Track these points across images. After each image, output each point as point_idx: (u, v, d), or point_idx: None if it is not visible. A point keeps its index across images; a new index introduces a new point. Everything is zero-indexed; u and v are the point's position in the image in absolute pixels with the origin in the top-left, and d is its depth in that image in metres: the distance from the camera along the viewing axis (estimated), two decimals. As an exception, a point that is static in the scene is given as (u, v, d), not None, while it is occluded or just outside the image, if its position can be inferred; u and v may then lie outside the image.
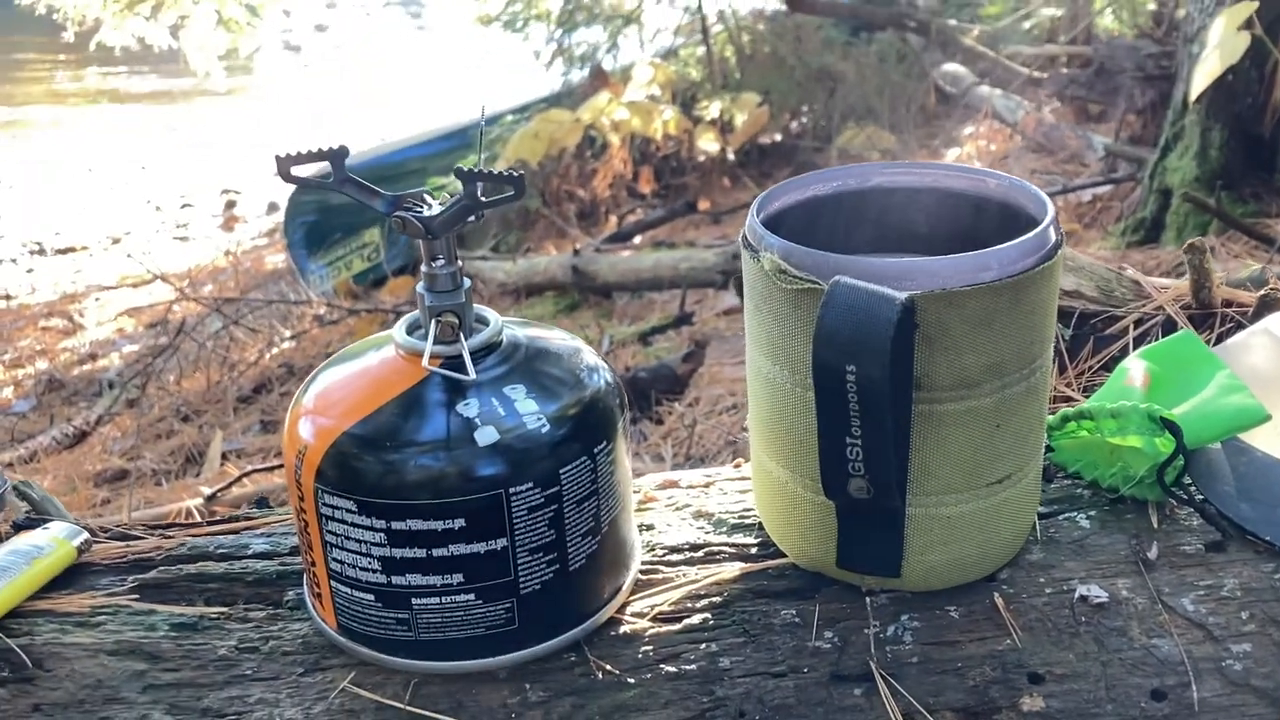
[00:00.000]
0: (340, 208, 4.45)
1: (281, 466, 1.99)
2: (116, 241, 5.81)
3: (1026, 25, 4.96)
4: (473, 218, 0.58)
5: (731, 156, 4.22)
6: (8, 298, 4.68)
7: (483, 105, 0.78)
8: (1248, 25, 2.10)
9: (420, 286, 0.60)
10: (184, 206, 6.46)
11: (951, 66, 4.14)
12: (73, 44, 5.54)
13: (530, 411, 0.58)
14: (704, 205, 3.89)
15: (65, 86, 9.35)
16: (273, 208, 6.19)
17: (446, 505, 0.56)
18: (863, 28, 4.64)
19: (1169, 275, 2.27)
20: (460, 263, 0.61)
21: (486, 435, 0.57)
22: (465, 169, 0.55)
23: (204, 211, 6.32)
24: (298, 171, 0.57)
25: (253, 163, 7.04)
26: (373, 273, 4.23)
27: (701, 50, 4.50)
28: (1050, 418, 0.73)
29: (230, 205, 6.39)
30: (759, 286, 0.61)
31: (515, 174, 0.55)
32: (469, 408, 0.58)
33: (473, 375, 0.57)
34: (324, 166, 0.59)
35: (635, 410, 2.00)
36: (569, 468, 0.58)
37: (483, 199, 0.57)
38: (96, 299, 4.55)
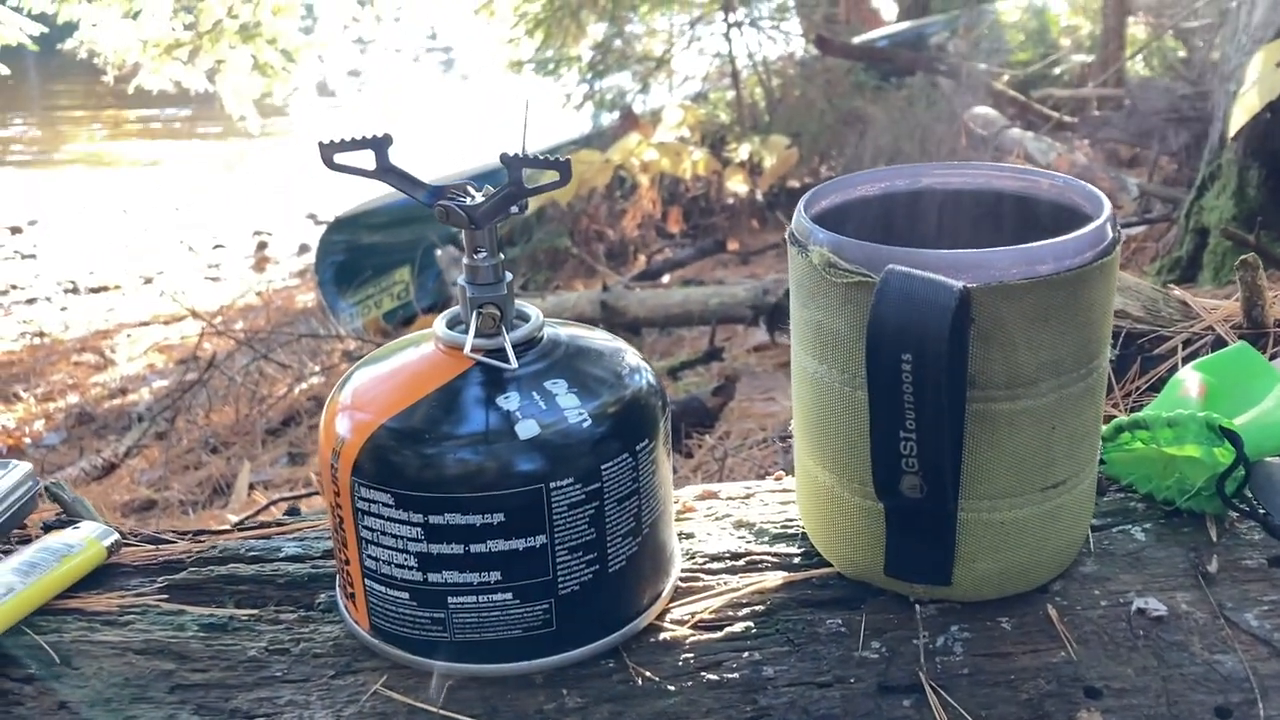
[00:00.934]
0: (371, 246, 4.49)
1: (311, 494, 1.98)
2: (149, 281, 5.88)
3: (1057, 70, 4.97)
4: (516, 208, 0.57)
5: (760, 198, 4.22)
6: (41, 334, 4.73)
7: (526, 100, 0.77)
8: (1286, 62, 2.09)
9: (462, 279, 0.59)
10: (216, 247, 6.53)
11: (982, 109, 4.14)
12: (112, 88, 5.64)
13: (572, 406, 0.57)
14: (733, 245, 3.89)
15: (103, 130, 9.52)
16: (304, 249, 6.25)
17: (486, 499, 0.55)
18: (893, 72, 4.66)
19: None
20: (502, 255, 0.60)
21: (527, 429, 0.55)
22: (510, 154, 0.55)
23: (236, 252, 6.40)
24: (341, 159, 0.57)
25: (285, 204, 7.13)
26: (403, 311, 4.25)
27: (731, 94, 4.53)
28: (1103, 428, 0.71)
29: (262, 246, 6.45)
30: (806, 283, 0.60)
31: (561, 159, 0.54)
32: (509, 401, 0.57)
33: (514, 364, 0.56)
34: (367, 155, 0.58)
35: (665, 443, 1.98)
36: (610, 464, 0.57)
37: (527, 185, 0.56)
38: (128, 335, 4.59)
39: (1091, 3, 5.14)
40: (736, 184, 4.16)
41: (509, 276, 0.60)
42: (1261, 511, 0.68)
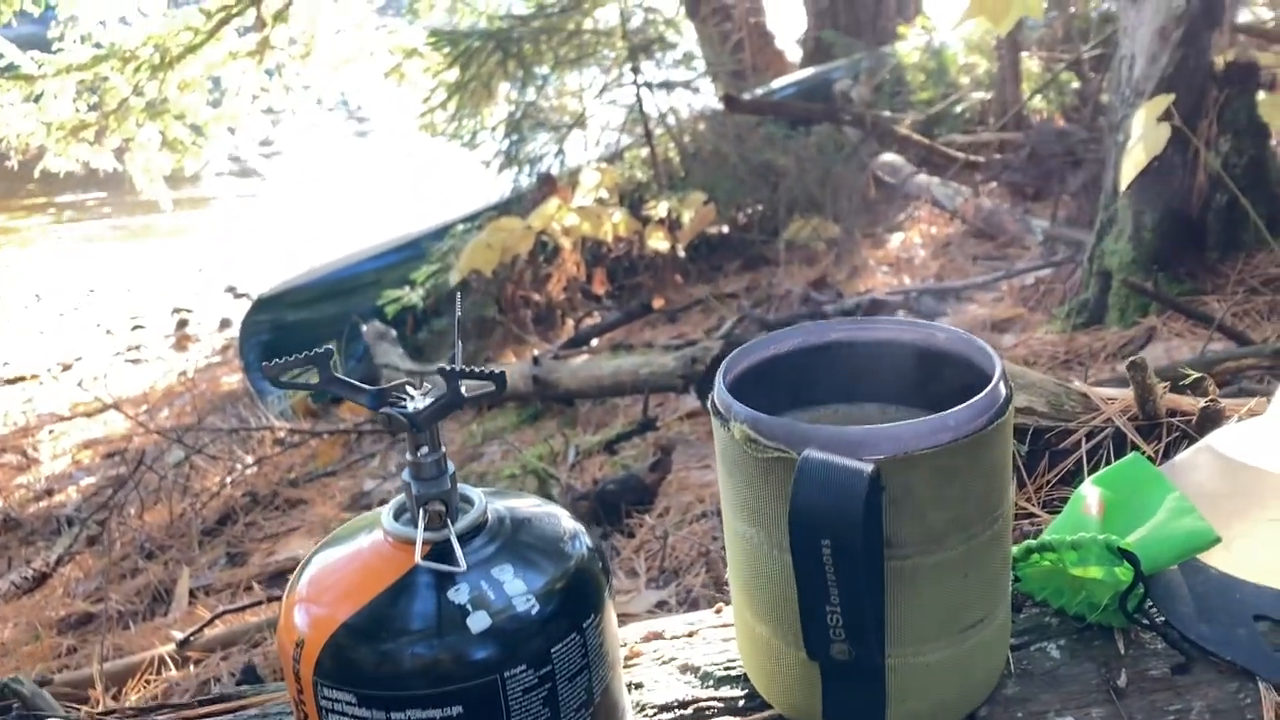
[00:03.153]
0: (295, 324, 4.46)
1: (253, 605, 1.97)
2: (67, 368, 5.76)
3: (959, 109, 5.14)
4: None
5: (682, 253, 4.30)
6: (-44, 433, 4.62)
7: (457, 298, 0.78)
8: (1167, 116, 2.21)
9: (406, 475, 0.62)
10: (135, 328, 6.43)
11: (889, 156, 4.27)
12: (16, 172, 5.55)
13: (519, 592, 0.60)
14: (658, 304, 3.94)
15: (10, 215, 9.33)
16: (225, 324, 6.19)
17: (444, 694, 0.58)
18: (800, 121, 4.78)
19: (1114, 357, 2.34)
20: (444, 448, 0.63)
21: (479, 621, 0.59)
22: (447, 368, 0.58)
23: (156, 332, 6.31)
24: (287, 377, 0.60)
25: (203, 280, 7.05)
26: (331, 389, 4.22)
27: (646, 151, 4.61)
28: (1015, 549, 0.76)
29: (182, 324, 6.37)
30: (730, 454, 0.64)
31: (497, 371, 0.57)
32: (460, 594, 0.60)
33: (463, 566, 0.59)
34: (310, 369, 0.61)
35: (606, 524, 2.01)
36: (560, 645, 0.60)
37: (465, 394, 0.59)
38: (50, 431, 4.50)
39: (985, 41, 5.32)
40: (657, 241, 4.22)
41: (452, 468, 0.63)
42: (1160, 620, 0.73)
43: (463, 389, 0.59)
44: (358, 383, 0.62)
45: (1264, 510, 0.79)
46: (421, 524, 0.61)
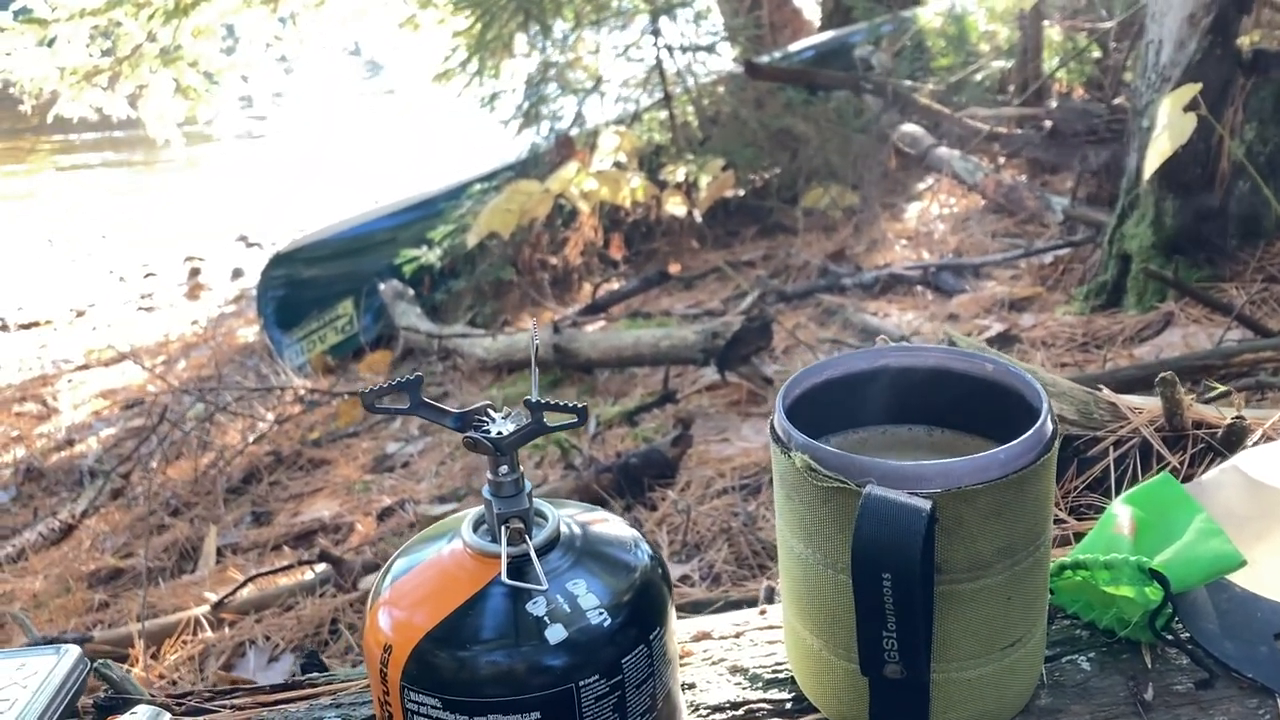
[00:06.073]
0: (310, 280, 4.49)
1: (284, 568, 2.02)
2: (81, 315, 5.81)
3: (979, 78, 5.12)
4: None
5: (699, 219, 4.31)
6: (-25, 376, 4.67)
7: (533, 325, 0.80)
8: (1193, 105, 2.22)
9: (486, 491, 0.66)
10: (147, 276, 6.46)
11: (910, 127, 4.27)
12: (30, 117, 5.56)
13: (592, 606, 0.64)
14: (675, 269, 3.97)
15: (23, 160, 9.33)
16: (237, 274, 6.22)
17: (523, 701, 0.62)
18: (821, 88, 4.77)
19: (1131, 341, 2.37)
20: (522, 468, 0.67)
21: (556, 633, 0.63)
22: (533, 400, 0.62)
23: (168, 280, 6.33)
24: (382, 404, 0.64)
25: (214, 228, 7.06)
26: (348, 345, 4.27)
27: (664, 114, 4.61)
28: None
29: (195, 273, 6.40)
30: (789, 478, 0.68)
31: (579, 405, 0.61)
32: (537, 606, 0.64)
33: (544, 585, 0.63)
34: (403, 396, 0.65)
35: (629, 497, 2.06)
36: (629, 656, 0.64)
37: (547, 424, 0.63)
38: (69, 381, 4.55)
39: (1008, 9, 5.29)
40: (675, 206, 4.24)
41: (529, 486, 0.67)
42: (1186, 636, 0.78)
43: (545, 420, 0.63)
44: (443, 407, 0.66)
45: (1287, 532, 0.82)
46: (504, 541, 0.65)
